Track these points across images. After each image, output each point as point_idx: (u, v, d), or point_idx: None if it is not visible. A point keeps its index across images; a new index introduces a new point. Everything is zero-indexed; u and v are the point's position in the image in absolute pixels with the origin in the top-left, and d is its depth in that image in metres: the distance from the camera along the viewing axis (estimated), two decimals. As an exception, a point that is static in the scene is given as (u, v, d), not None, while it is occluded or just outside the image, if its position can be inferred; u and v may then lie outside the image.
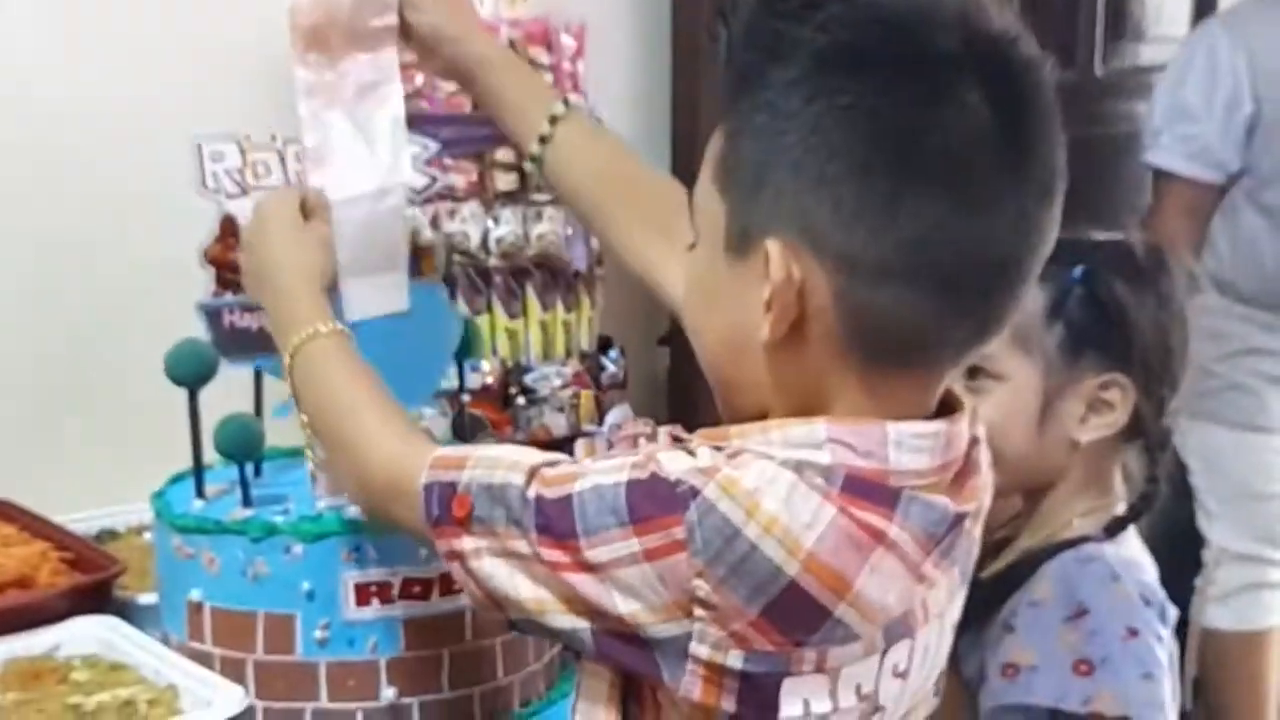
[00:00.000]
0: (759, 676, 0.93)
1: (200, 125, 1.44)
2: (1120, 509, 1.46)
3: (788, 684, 0.93)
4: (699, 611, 0.91)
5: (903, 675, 0.99)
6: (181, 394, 1.40)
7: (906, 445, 0.96)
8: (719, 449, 0.95)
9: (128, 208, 1.84)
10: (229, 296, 1.44)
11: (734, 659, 0.92)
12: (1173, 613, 1.44)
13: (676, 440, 0.98)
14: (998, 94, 0.90)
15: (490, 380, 1.93)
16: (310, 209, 1.32)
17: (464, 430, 1.57)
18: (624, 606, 0.93)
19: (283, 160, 1.45)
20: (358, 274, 1.35)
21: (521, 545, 0.97)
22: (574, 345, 2.03)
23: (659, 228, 1.26)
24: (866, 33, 0.91)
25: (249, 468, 1.41)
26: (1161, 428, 1.46)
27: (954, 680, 1.46)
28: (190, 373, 1.38)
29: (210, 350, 1.39)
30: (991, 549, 1.55)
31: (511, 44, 1.92)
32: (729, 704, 0.94)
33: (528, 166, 1.39)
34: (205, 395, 1.41)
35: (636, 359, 2.23)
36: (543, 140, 1.33)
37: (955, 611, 1.06)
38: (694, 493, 0.91)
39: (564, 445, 1.83)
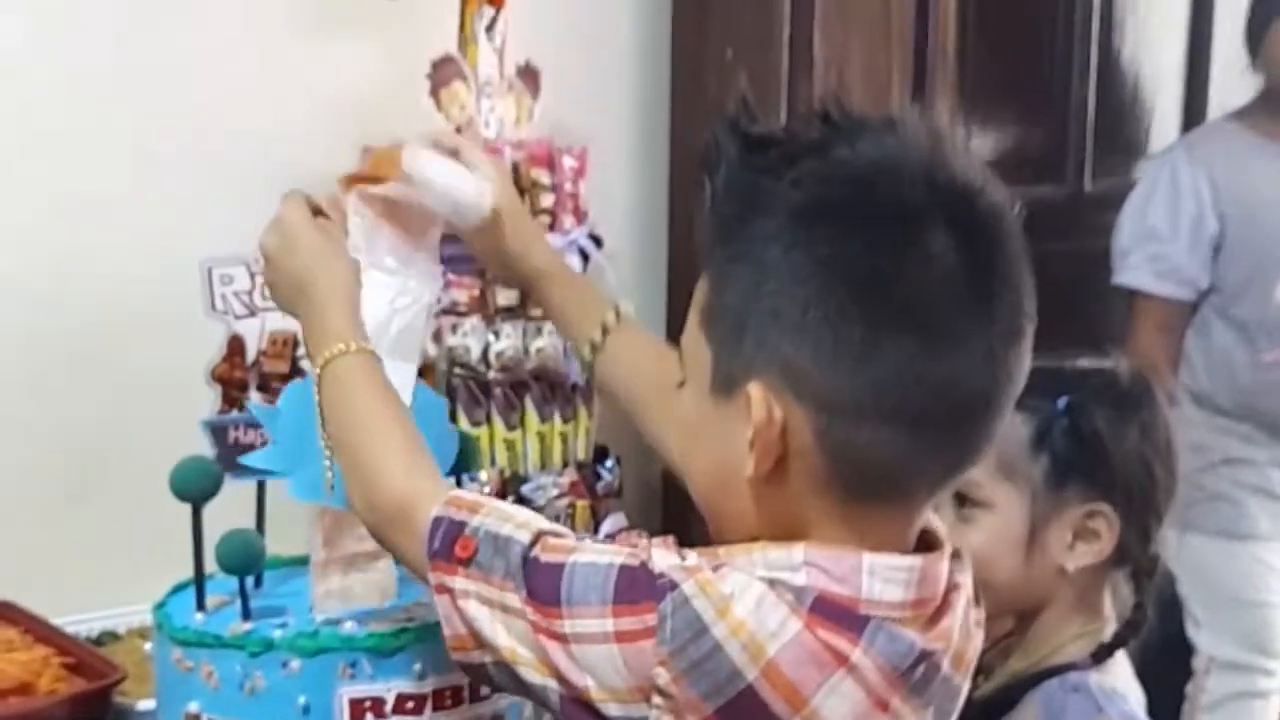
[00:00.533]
0: None
1: (211, 244, 1.49)
2: (1109, 634, 1.49)
3: None
4: (656, 699, 0.95)
5: None
6: (185, 499, 1.43)
7: (880, 575, 0.99)
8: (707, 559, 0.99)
9: (137, 321, 1.89)
10: (234, 414, 1.48)
11: None
12: None
13: (669, 544, 1.02)
14: (963, 241, 0.96)
15: (489, 490, 1.96)
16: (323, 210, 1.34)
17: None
18: (584, 681, 0.98)
19: (290, 283, 1.50)
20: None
21: (513, 599, 1.02)
22: (571, 455, 2.07)
23: None
24: (838, 189, 0.97)
25: (249, 580, 1.44)
26: (1148, 555, 1.48)
27: None
28: (195, 489, 1.42)
29: (215, 467, 1.43)
30: (981, 669, 1.59)
31: (515, 166, 1.98)
32: None
33: (580, 370, 1.46)
34: (208, 507, 1.45)
35: (632, 467, 2.26)
36: (594, 348, 1.40)
37: None
38: (672, 585, 0.96)
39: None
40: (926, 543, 1.06)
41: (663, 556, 0.98)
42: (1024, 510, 1.47)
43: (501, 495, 1.97)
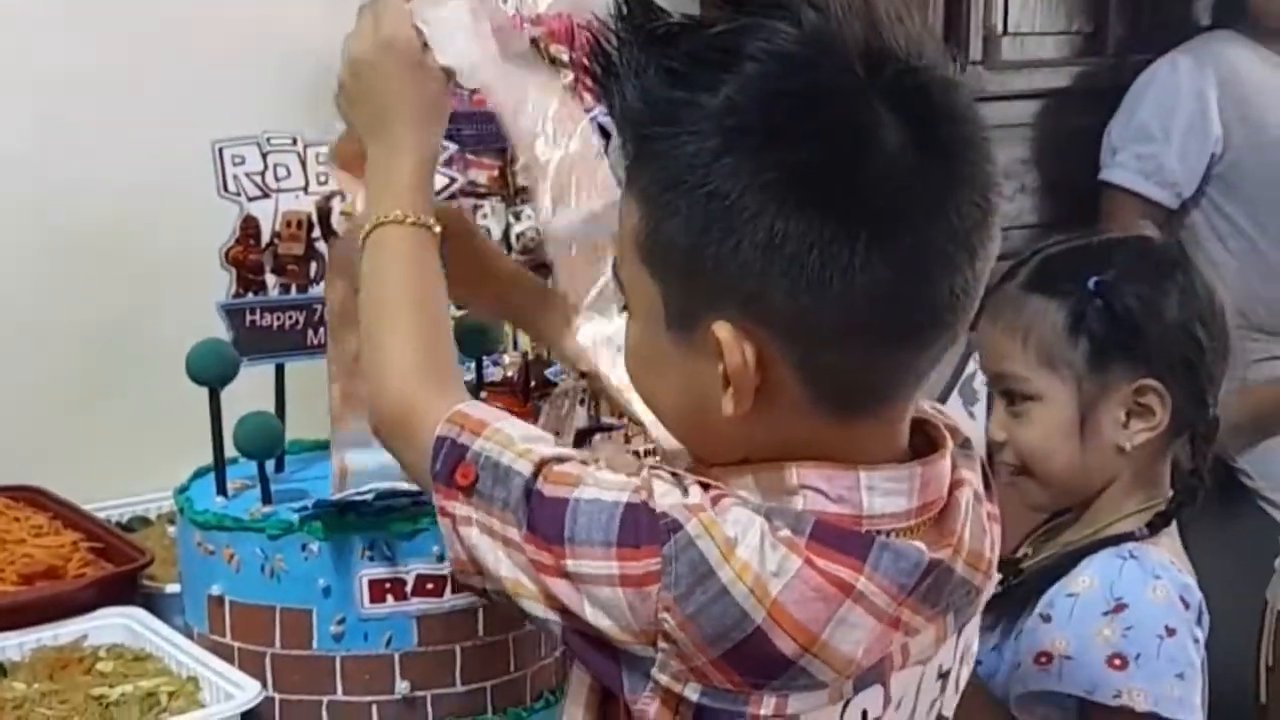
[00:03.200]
0: (714, 711, 0.93)
1: (223, 124, 1.47)
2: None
3: None
4: (663, 643, 0.92)
5: None
6: (207, 385, 1.43)
7: (879, 489, 0.95)
8: (706, 487, 0.95)
9: (152, 206, 1.87)
10: (250, 296, 1.47)
11: (691, 691, 0.93)
12: (1207, 618, 1.45)
13: (674, 475, 0.96)
14: (917, 131, 0.89)
15: (511, 373, 1.95)
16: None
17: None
18: (596, 619, 0.94)
19: (303, 163, 1.49)
20: None
21: (512, 533, 0.97)
22: (595, 339, 2.05)
23: None
24: (773, 103, 0.89)
25: (270, 463, 1.44)
26: (1206, 421, 1.46)
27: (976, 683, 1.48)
28: (212, 372, 1.41)
29: (231, 350, 1.43)
30: (1035, 544, 1.57)
31: (535, 41, 1.93)
32: None
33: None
34: (229, 391, 1.44)
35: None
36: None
37: (947, 659, 1.04)
38: (676, 527, 0.91)
39: (584, 437, 1.87)
40: (925, 435, 1.02)
41: (664, 492, 0.93)
42: (1071, 397, 1.45)
43: (524, 378, 1.95)
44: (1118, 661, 1.35)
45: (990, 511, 1.06)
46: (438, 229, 1.14)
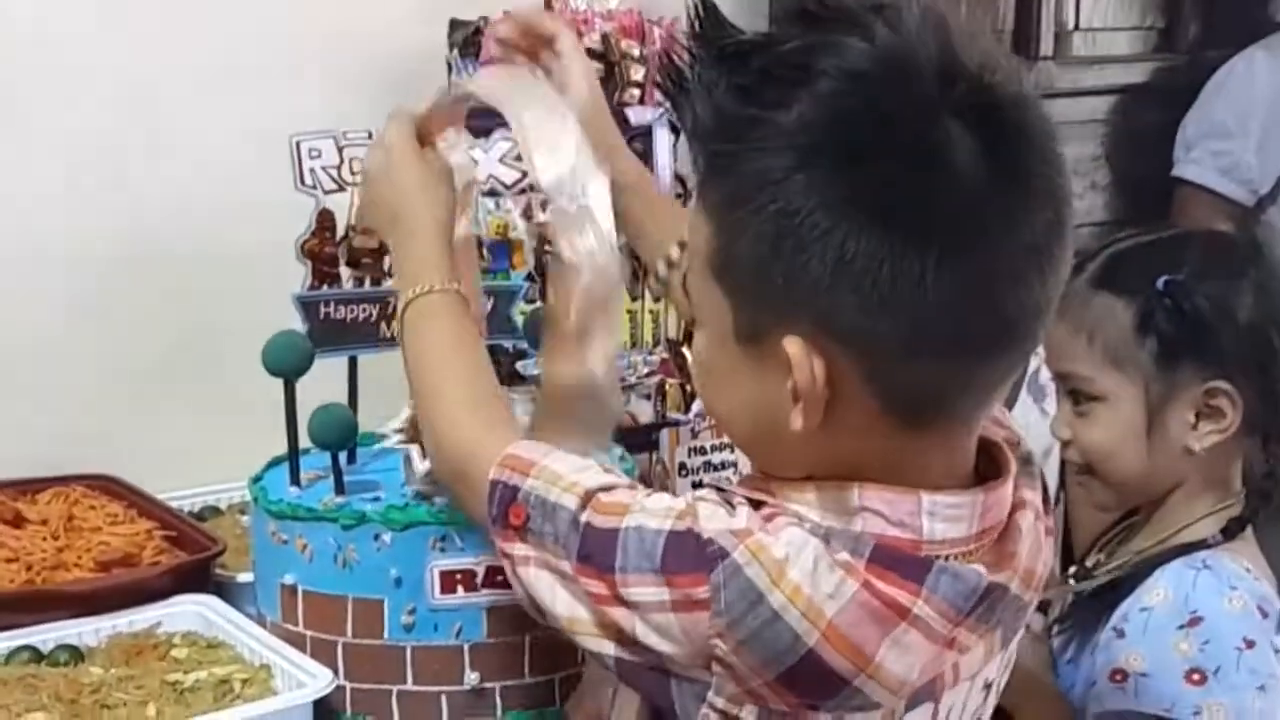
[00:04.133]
0: None
1: (300, 120, 1.49)
2: (1240, 509, 1.44)
3: None
4: (718, 667, 0.93)
5: None
6: (282, 375, 1.45)
7: (940, 515, 0.95)
8: (759, 505, 0.95)
9: (232, 199, 1.90)
10: (324, 289, 1.48)
11: (748, 713, 0.94)
12: None
13: (721, 491, 0.98)
14: (989, 145, 0.89)
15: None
16: (424, 135, 1.30)
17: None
18: (653, 644, 0.95)
19: (378, 157, 1.49)
20: None
21: (565, 566, 0.99)
22: (661, 333, 2.05)
23: None
24: (846, 121, 0.88)
25: (343, 455, 1.46)
26: (1279, 423, 1.43)
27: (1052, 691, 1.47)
28: (287, 364, 1.42)
29: (305, 342, 1.44)
30: (1104, 549, 1.55)
31: (605, 38, 1.94)
32: None
33: (654, 286, 1.41)
34: (302, 382, 1.46)
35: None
36: (670, 264, 1.33)
37: (993, 672, 1.05)
38: (723, 554, 0.92)
39: (650, 432, 1.87)
40: (991, 457, 1.02)
41: (711, 517, 0.94)
42: (1139, 397, 1.42)
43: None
44: (1196, 677, 1.33)
45: (1047, 526, 1.06)
46: (461, 289, 1.21)
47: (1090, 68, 2.63)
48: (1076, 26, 2.59)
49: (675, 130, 2.00)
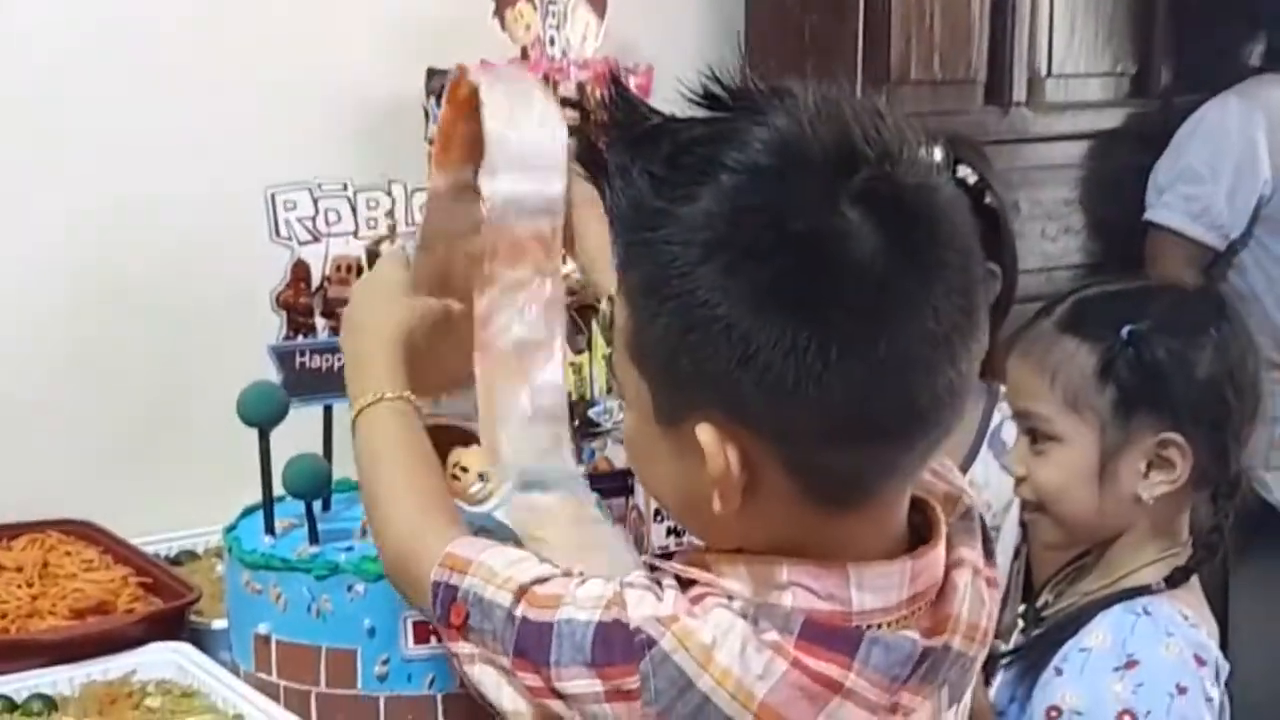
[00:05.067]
0: None
1: (276, 171, 1.50)
2: (1185, 558, 1.46)
3: None
4: None
5: None
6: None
7: (868, 585, 0.96)
8: (688, 584, 0.97)
9: (208, 250, 1.92)
10: (300, 339, 1.50)
11: None
12: (1225, 669, 1.45)
13: (653, 569, 0.99)
14: (892, 231, 0.89)
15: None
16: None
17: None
18: None
19: (353, 208, 1.51)
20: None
21: (504, 661, 1.01)
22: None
23: None
24: (746, 219, 0.89)
25: (317, 503, 1.46)
26: (1228, 478, 1.46)
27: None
28: (261, 414, 1.44)
29: (280, 393, 1.45)
30: (1054, 590, 1.58)
31: (580, 86, 1.96)
32: None
33: (600, 323, 1.42)
34: (278, 430, 1.46)
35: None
36: (611, 301, 1.35)
37: None
38: (650, 642, 0.93)
39: (625, 476, 1.88)
40: (924, 514, 1.03)
41: (638, 602, 0.96)
42: (1094, 442, 1.45)
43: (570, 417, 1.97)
44: (1128, 718, 1.35)
45: (989, 578, 1.06)
46: (411, 396, 1.24)
47: (1063, 113, 2.66)
48: (1049, 72, 2.62)
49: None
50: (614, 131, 0.94)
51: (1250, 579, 2.36)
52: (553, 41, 2.01)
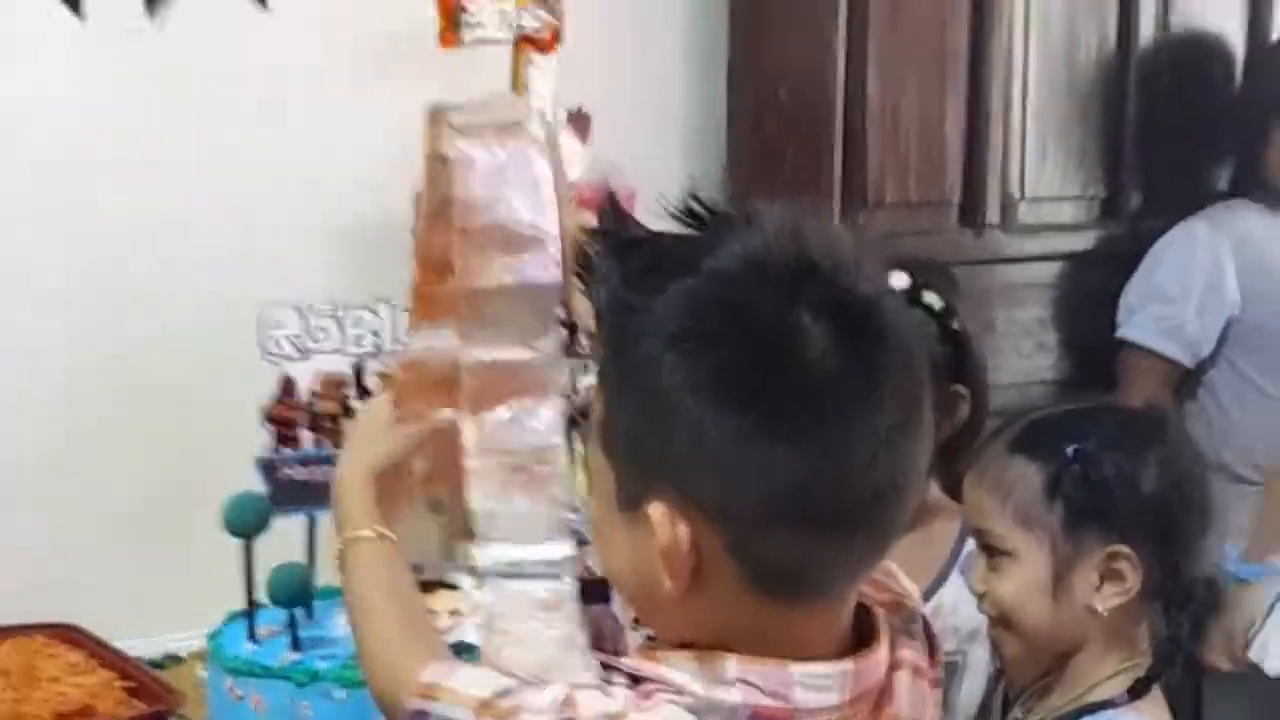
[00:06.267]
0: None
1: (264, 288, 1.56)
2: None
3: None
4: None
5: None
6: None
7: (811, 685, 1.02)
8: (638, 680, 1.02)
9: (199, 361, 1.98)
10: (286, 451, 1.55)
11: None
12: None
13: (606, 668, 1.05)
14: (842, 340, 0.97)
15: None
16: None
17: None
18: None
19: (340, 326, 1.57)
20: None
21: None
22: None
23: None
24: (708, 309, 0.98)
25: (299, 611, 1.51)
26: (1179, 588, 1.50)
27: None
28: (245, 524, 1.48)
29: (264, 503, 1.50)
30: (1024, 706, 1.62)
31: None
32: None
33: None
34: (264, 539, 1.51)
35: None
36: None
37: None
38: None
39: (603, 584, 1.91)
40: (868, 619, 1.09)
41: (590, 702, 1.01)
42: (1046, 557, 1.49)
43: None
44: None
45: (932, 679, 1.13)
46: (391, 536, 1.32)
47: (1036, 234, 2.74)
48: (1022, 195, 2.70)
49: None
50: (601, 238, 1.02)
51: (1222, 688, 2.38)
52: (539, 165, 2.07)
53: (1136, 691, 1.49)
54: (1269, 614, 2.12)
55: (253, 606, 1.51)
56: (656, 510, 0.99)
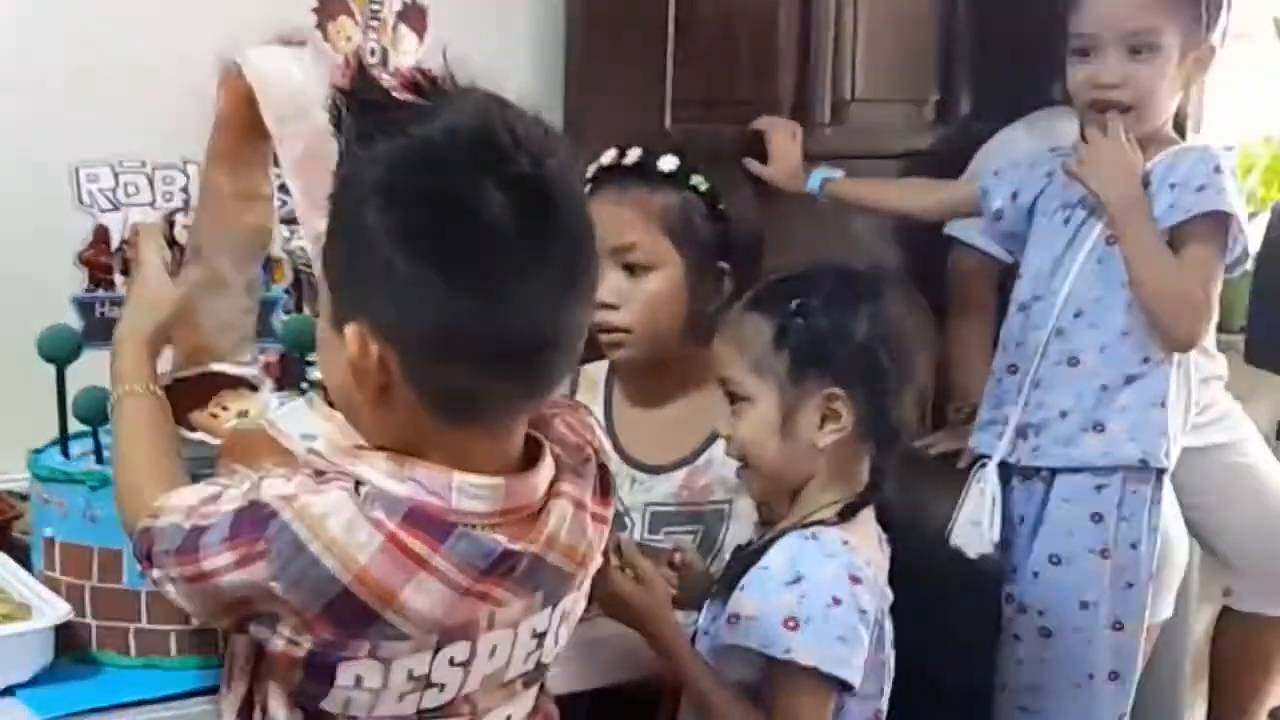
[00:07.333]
0: (321, 655, 1.23)
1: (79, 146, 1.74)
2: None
3: (344, 664, 1.23)
4: (278, 605, 1.21)
5: (463, 665, 1.27)
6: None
7: (467, 492, 1.23)
8: (321, 473, 1.23)
9: (18, 217, 2.11)
10: (100, 292, 1.75)
11: (305, 640, 1.22)
12: (889, 596, 1.72)
13: (312, 452, 1.28)
14: (518, 203, 1.17)
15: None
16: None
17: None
18: (234, 591, 1.23)
19: (151, 183, 1.77)
20: None
21: (174, 570, 1.28)
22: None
23: None
24: (407, 166, 1.18)
25: (105, 431, 1.70)
26: (887, 429, 1.74)
27: None
28: (59, 352, 1.68)
29: (76, 334, 1.69)
30: (759, 533, 1.85)
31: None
32: (298, 671, 1.25)
33: None
34: (75, 379, 1.69)
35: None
36: None
37: (541, 624, 1.32)
38: (274, 515, 1.20)
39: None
40: (533, 455, 1.30)
41: (271, 485, 1.22)
42: (775, 400, 1.73)
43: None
44: (791, 623, 1.62)
45: (595, 514, 1.34)
46: (158, 392, 1.48)
47: (867, 135, 2.90)
48: (853, 98, 2.87)
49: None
50: (346, 99, 1.23)
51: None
52: (373, 53, 2.25)
53: (845, 515, 1.73)
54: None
55: (65, 426, 1.70)
56: (351, 330, 1.20)
